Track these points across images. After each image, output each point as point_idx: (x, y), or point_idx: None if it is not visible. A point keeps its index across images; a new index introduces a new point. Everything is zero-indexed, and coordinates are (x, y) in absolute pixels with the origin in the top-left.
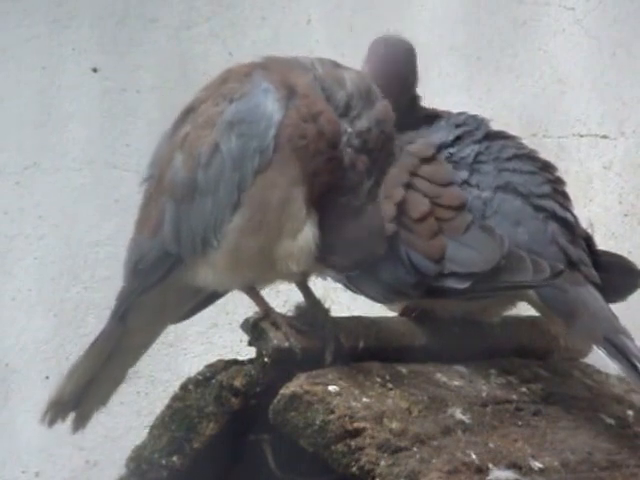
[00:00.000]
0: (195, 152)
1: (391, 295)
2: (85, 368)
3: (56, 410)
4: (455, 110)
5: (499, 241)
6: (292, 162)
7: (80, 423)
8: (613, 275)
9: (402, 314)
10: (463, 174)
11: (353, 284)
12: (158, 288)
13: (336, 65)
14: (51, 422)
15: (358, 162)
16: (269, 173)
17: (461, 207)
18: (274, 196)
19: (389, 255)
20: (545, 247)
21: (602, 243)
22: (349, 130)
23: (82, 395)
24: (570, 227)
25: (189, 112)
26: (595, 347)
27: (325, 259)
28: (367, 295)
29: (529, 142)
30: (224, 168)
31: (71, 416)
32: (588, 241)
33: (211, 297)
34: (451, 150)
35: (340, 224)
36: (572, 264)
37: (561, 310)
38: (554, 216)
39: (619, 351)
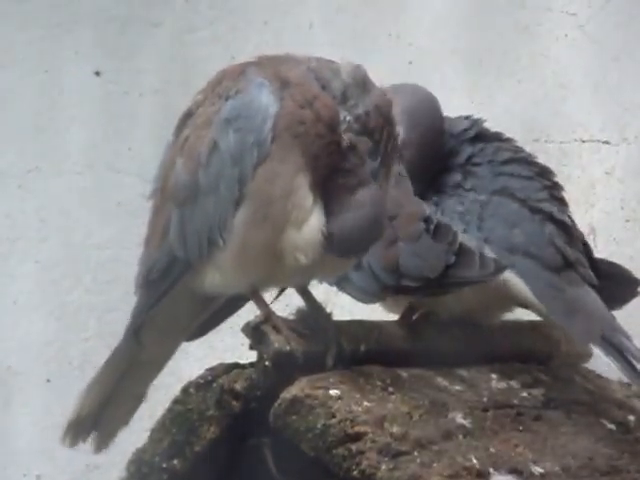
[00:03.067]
0: (194, 153)
1: (367, 297)
2: (101, 386)
3: (76, 431)
4: (456, 114)
5: (451, 238)
6: (293, 149)
7: (102, 443)
8: (611, 283)
9: (403, 317)
10: (456, 176)
11: (339, 287)
12: (168, 299)
13: (330, 61)
14: (72, 443)
15: (359, 144)
16: (270, 164)
17: (419, 219)
18: (277, 186)
19: (359, 262)
20: (542, 248)
21: (604, 249)
22: (348, 118)
23: (101, 414)
24: (567, 229)
25: (188, 117)
26: (593, 346)
27: (329, 243)
28: (353, 297)
29: (531, 147)
30: (224, 165)
31: (92, 436)
32: (586, 246)
33: (221, 313)
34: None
35: (341, 207)
36: (569, 265)
37: (559, 310)
38: (551, 218)
39: (617, 350)
